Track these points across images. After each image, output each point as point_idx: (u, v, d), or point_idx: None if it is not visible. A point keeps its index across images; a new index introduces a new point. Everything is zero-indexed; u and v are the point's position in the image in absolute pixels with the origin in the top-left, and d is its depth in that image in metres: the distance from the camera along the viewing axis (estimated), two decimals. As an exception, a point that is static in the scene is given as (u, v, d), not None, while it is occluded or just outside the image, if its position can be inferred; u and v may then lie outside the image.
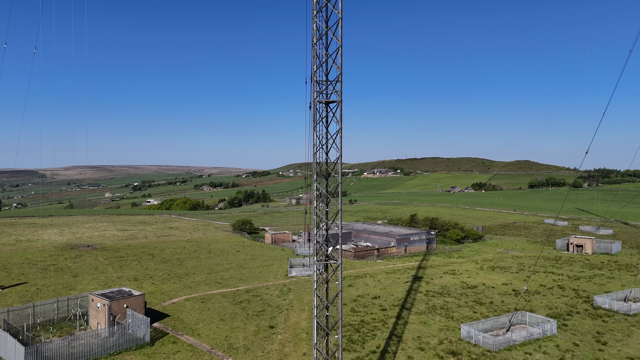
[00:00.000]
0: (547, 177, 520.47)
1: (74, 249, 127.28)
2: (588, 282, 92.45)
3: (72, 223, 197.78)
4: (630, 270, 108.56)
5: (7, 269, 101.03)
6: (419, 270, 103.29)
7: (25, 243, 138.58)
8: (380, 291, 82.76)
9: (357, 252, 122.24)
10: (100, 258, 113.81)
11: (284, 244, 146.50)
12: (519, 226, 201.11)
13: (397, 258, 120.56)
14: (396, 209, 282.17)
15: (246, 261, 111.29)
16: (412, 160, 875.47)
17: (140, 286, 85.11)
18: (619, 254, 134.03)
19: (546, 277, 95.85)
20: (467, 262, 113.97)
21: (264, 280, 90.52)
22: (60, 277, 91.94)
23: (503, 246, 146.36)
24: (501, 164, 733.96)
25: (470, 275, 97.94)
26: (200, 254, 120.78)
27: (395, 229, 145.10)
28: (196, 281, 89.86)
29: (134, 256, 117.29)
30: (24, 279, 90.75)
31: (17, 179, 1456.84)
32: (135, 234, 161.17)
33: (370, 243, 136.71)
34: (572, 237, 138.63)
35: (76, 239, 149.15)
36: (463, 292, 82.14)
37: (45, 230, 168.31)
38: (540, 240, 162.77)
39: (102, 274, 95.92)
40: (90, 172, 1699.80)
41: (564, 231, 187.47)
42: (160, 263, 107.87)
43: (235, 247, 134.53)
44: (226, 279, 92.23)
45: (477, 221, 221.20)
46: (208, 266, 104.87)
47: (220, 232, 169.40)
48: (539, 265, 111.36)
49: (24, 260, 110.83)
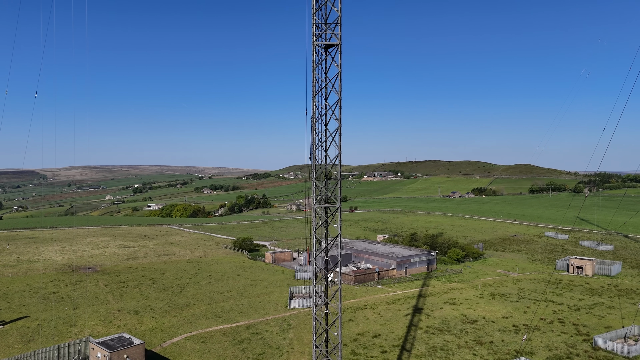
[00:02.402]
0: (548, 182, 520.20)
1: (75, 272, 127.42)
2: (588, 314, 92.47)
3: (73, 237, 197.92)
4: (630, 296, 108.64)
5: (8, 297, 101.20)
6: (419, 299, 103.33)
7: (26, 264, 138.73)
8: (381, 327, 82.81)
9: (357, 276, 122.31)
10: (101, 284, 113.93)
11: (284, 263, 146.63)
12: (519, 240, 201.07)
13: (397, 283, 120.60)
14: (397, 218, 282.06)
15: (246, 288, 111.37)
16: (412, 163, 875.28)
17: (141, 321, 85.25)
18: (619, 275, 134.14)
19: (546, 308, 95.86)
20: (467, 288, 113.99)
21: (264, 313, 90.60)
22: (61, 309, 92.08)
23: (503, 266, 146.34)
24: (501, 167, 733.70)
25: (470, 305, 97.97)
26: (201, 279, 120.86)
27: (395, 249, 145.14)
28: (196, 314, 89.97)
29: (134, 281, 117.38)
30: (24, 311, 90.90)
31: (18, 179, 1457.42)
32: (135, 252, 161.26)
33: (371, 264, 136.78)
34: (573, 258, 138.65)
35: (77, 258, 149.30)
36: (463, 329, 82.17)
37: (46, 248, 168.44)
38: (540, 257, 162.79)
39: (103, 304, 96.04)
40: (91, 172, 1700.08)
41: (565, 246, 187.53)
42: (161, 291, 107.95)
43: (236, 269, 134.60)
44: (226, 311, 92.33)
45: (477, 233, 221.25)
46: (208, 294, 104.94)
47: (221, 250, 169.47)
48: (539, 292, 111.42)
49: (25, 287, 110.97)
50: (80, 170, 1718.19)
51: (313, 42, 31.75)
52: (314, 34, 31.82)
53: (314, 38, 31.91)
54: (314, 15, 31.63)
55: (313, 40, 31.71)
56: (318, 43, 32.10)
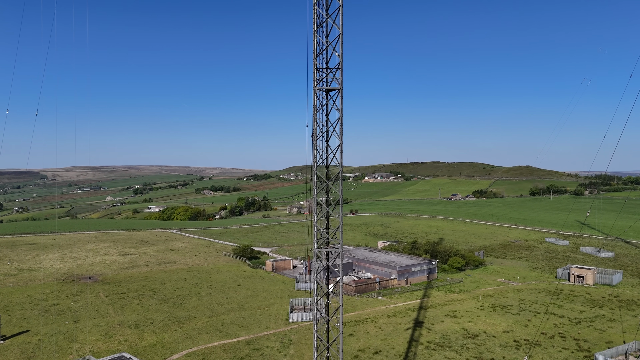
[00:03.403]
0: (549, 184, 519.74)
1: (76, 282, 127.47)
2: (589, 328, 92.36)
3: (74, 243, 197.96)
4: (631, 307, 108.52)
5: (9, 310, 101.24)
6: (420, 311, 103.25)
7: (27, 273, 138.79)
8: (382, 342, 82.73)
9: (358, 286, 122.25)
10: (102, 295, 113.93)
11: (285, 271, 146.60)
12: (520, 246, 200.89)
13: (398, 293, 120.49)
14: (397, 222, 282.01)
15: (247, 299, 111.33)
16: (413, 165, 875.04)
17: (142, 336, 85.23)
18: (620, 284, 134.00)
19: (547, 321, 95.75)
20: (468, 299, 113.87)
21: (264, 327, 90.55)
22: (62, 323, 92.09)
23: (504, 275, 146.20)
24: (502, 169, 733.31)
25: (471, 318, 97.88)
26: (201, 289, 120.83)
27: (396, 257, 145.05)
28: (197, 328, 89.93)
29: (135, 292, 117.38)
30: (25, 325, 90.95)
31: (19, 180, 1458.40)
32: (136, 260, 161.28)
33: (372, 274, 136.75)
34: (573, 267, 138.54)
35: (78, 266, 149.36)
36: (464, 344, 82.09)
37: (46, 255, 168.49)
38: (541, 265, 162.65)
39: (104, 317, 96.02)
40: (91, 173, 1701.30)
41: (565, 252, 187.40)
42: (162, 302, 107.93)
43: (236, 278, 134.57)
44: (227, 324, 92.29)
45: (478, 239, 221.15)
46: (209, 306, 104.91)
47: (222, 257, 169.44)
48: (540, 303, 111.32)
49: (25, 298, 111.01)
50: (81, 170, 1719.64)
51: (314, 87, 31.72)
52: (316, 78, 31.80)
53: (316, 83, 31.88)
54: (315, 60, 31.61)
55: (314, 85, 31.69)
56: (320, 87, 32.09)
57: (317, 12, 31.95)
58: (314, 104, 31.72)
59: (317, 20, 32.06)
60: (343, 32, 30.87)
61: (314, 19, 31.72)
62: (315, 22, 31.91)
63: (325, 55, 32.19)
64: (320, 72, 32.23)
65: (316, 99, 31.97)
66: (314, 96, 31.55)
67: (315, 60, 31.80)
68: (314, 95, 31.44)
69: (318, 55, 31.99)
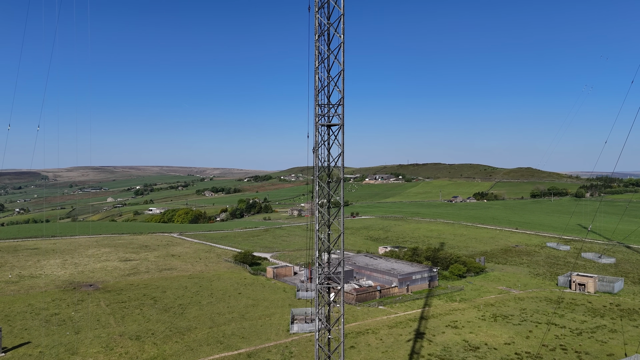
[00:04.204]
0: (549, 187, 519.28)
1: (77, 290, 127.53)
2: (590, 339, 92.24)
3: (75, 248, 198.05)
4: (632, 317, 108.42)
5: (10, 320, 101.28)
6: (421, 321, 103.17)
7: (28, 280, 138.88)
8: (383, 355, 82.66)
9: (359, 295, 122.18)
10: (102, 304, 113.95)
11: (286, 278, 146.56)
12: (521, 251, 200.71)
13: (399, 302, 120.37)
14: (398, 226, 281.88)
15: (247, 309, 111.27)
16: (414, 166, 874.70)
17: (142, 348, 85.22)
18: (621, 292, 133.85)
19: (549, 332, 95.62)
20: (469, 309, 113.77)
21: (265, 339, 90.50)
22: (63, 334, 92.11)
23: (505, 282, 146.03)
24: (503, 171, 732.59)
25: (472, 329, 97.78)
26: (202, 298, 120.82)
27: (397, 265, 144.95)
28: (198, 340, 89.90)
29: (136, 300, 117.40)
30: (26, 336, 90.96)
31: (20, 180, 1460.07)
32: (137, 266, 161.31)
33: (372, 281, 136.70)
34: (575, 275, 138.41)
35: (79, 273, 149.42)
36: (465, 357, 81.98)
37: (47, 261, 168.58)
38: (542, 271, 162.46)
39: (104, 328, 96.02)
40: (92, 173, 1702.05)
41: (566, 258, 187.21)
42: (162, 312, 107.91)
43: (237, 286, 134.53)
44: (228, 336, 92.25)
45: (479, 243, 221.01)
46: (210, 316, 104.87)
47: (222, 264, 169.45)
48: (541, 312, 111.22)
49: (27, 307, 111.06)
50: (82, 171, 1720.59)
51: (316, 122, 31.72)
52: (317, 114, 31.79)
53: (317, 119, 31.88)
54: (316, 97, 31.61)
55: (316, 121, 31.68)
56: (322, 123, 32.08)
57: (319, 48, 31.90)
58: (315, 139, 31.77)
59: (318, 56, 31.97)
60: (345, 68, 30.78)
61: (315, 55, 31.66)
62: (316, 58, 31.85)
63: (327, 90, 32.11)
64: (321, 108, 32.20)
65: (318, 134, 31.99)
66: (315, 131, 31.59)
67: (317, 96, 31.78)
68: (315, 130, 31.46)
69: (320, 91, 31.96)
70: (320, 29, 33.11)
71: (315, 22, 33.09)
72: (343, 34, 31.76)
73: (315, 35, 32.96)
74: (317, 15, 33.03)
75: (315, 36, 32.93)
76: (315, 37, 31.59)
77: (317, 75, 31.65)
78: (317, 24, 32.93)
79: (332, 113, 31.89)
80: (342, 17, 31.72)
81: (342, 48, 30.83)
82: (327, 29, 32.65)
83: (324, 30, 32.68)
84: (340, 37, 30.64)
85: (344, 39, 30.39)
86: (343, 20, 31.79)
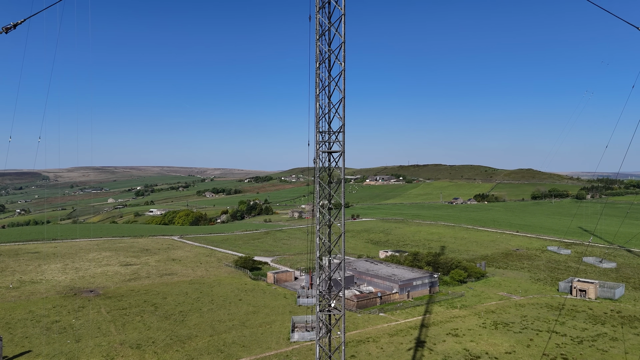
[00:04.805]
0: (550, 188, 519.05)
1: (77, 296, 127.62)
2: (591, 348, 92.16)
3: (76, 252, 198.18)
4: (633, 324, 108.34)
5: (11, 327, 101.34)
6: (422, 329, 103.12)
7: (28, 286, 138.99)
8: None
9: (359, 301, 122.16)
10: (103, 311, 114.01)
11: (286, 284, 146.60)
12: (521, 255, 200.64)
13: (400, 309, 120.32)
14: (399, 229, 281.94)
15: (248, 316, 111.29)
16: (414, 167, 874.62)
17: (143, 357, 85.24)
18: (622, 298, 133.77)
19: (549, 340, 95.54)
20: (470, 316, 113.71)
21: (266, 348, 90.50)
22: (64, 342, 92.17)
23: (506, 288, 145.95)
24: (504, 172, 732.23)
25: (473, 337, 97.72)
26: (203, 304, 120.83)
27: (397, 270, 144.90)
28: (198, 348, 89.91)
29: (136, 307, 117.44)
30: (27, 345, 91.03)
31: (21, 181, 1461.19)
32: (138, 271, 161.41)
33: (373, 287, 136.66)
34: (576, 281, 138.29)
35: (79, 278, 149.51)
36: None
37: (48, 265, 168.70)
38: (543, 276, 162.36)
39: (105, 336, 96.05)
40: (93, 173, 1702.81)
41: (567, 262, 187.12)
42: (163, 319, 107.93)
43: (238, 292, 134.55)
44: (228, 344, 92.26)
45: (479, 247, 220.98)
46: (210, 324, 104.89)
47: (223, 268, 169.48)
48: (542, 320, 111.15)
49: (27, 314, 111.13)
50: (83, 171, 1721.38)
51: (317, 149, 31.77)
52: (318, 141, 31.83)
53: (318, 146, 31.91)
54: (317, 124, 31.68)
55: (317, 148, 31.73)
56: (322, 150, 32.12)
57: (319, 76, 31.90)
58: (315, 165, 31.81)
59: (319, 84, 31.96)
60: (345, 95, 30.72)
61: (316, 83, 31.69)
62: (317, 86, 31.85)
63: (328, 117, 32.11)
64: (322, 135, 32.25)
65: (318, 160, 32.05)
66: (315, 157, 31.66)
67: (318, 123, 31.84)
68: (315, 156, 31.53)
69: (320, 118, 32.00)
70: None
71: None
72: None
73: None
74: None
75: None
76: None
77: (317, 102, 31.70)
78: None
79: (332, 140, 31.95)
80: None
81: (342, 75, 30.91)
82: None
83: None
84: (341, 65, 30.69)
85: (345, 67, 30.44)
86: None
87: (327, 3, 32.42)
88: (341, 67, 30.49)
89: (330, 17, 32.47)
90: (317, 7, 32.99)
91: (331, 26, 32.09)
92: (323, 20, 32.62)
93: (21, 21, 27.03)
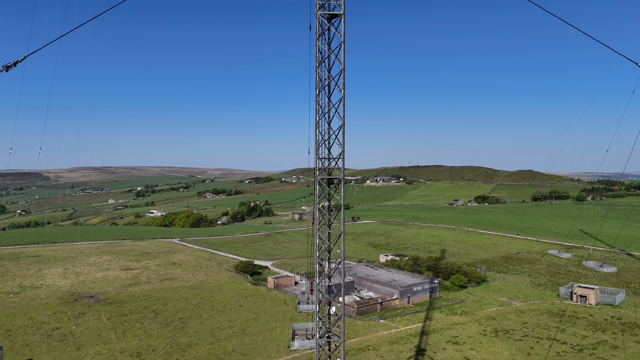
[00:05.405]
0: (551, 190, 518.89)
1: (78, 302, 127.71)
2: (592, 356, 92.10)
3: (76, 256, 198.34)
4: (634, 332, 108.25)
5: (12, 334, 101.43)
6: (422, 337, 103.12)
7: (29, 291, 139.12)
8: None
9: (360, 307, 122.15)
10: (103, 317, 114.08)
11: (286, 289, 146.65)
12: (522, 259, 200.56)
13: (400, 315, 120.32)
14: (399, 231, 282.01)
15: (248, 323, 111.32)
16: (415, 168, 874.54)
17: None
18: (623, 304, 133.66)
19: (550, 349, 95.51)
20: (470, 322, 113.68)
21: (266, 356, 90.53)
22: (64, 350, 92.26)
23: (506, 293, 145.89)
24: (504, 173, 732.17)
25: (473, 345, 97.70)
26: (203, 310, 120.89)
27: (398, 276, 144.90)
28: (198, 357, 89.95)
29: (137, 313, 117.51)
30: (28, 353, 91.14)
31: (21, 181, 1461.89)
32: (138, 276, 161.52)
33: (373, 293, 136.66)
34: (576, 286, 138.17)
35: (80, 283, 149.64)
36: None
37: (49, 270, 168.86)
38: (543, 281, 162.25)
39: (105, 344, 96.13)
40: (94, 174, 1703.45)
41: (567, 266, 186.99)
42: (163, 326, 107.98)
43: (238, 298, 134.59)
44: (228, 352, 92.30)
45: (480, 250, 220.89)
46: (210, 331, 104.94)
47: (223, 273, 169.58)
48: (543, 327, 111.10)
49: (28, 320, 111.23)
50: (84, 171, 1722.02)
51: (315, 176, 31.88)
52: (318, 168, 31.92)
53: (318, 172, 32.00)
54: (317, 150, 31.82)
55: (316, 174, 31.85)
56: (322, 177, 32.22)
57: (319, 102, 31.98)
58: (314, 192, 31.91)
59: (319, 110, 32.08)
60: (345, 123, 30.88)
61: (316, 110, 31.79)
62: (317, 113, 31.97)
63: (328, 142, 32.18)
64: (322, 161, 32.34)
65: (318, 187, 32.13)
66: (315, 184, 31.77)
67: (318, 150, 31.93)
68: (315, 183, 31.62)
69: (320, 144, 32.07)
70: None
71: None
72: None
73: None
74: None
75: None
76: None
77: (317, 129, 31.80)
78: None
79: (332, 165, 32.12)
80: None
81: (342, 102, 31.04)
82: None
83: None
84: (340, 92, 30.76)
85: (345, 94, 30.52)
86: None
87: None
88: (340, 95, 30.60)
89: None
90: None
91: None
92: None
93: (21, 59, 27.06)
